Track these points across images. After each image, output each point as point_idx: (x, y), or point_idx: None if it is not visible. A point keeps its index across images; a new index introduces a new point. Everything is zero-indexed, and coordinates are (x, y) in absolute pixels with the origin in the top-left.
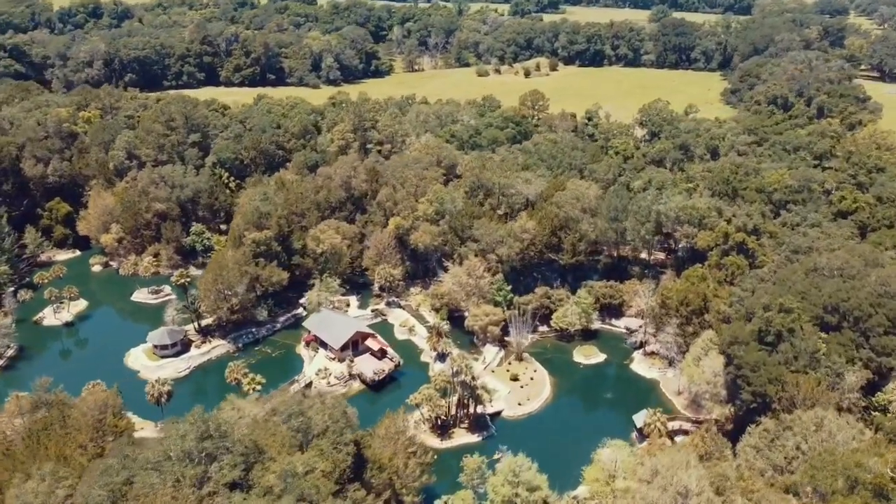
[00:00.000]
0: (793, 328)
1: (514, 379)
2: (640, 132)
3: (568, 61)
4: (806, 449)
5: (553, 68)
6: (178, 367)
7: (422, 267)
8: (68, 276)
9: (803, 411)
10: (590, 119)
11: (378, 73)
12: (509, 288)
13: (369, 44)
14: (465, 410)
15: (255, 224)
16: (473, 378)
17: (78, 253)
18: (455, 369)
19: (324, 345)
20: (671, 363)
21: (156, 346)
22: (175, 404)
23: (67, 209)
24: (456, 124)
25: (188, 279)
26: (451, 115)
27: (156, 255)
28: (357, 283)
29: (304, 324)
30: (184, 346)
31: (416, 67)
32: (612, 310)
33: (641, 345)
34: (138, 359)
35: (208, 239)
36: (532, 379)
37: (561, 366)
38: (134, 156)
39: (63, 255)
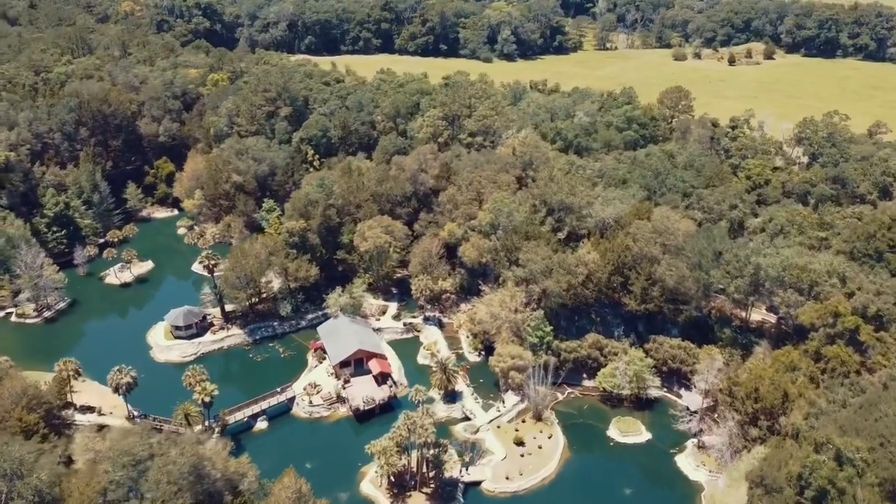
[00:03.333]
0: (845, 490)
1: (519, 443)
2: (797, 152)
3: (792, 49)
4: None
5: (768, 56)
6: (185, 350)
7: (477, 282)
8: (161, 234)
9: None
10: (733, 128)
11: (561, 50)
12: (550, 329)
13: (557, 17)
14: (434, 472)
15: (301, 211)
16: (427, 441)
17: (175, 212)
18: (409, 427)
19: None
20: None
21: (173, 326)
22: (155, 393)
23: (171, 169)
24: (568, 120)
25: (214, 261)
26: (566, 108)
27: (228, 227)
28: (407, 290)
29: (318, 328)
30: (201, 330)
31: (609, 45)
32: (682, 377)
33: (697, 433)
34: (156, 336)
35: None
36: (541, 447)
37: (587, 437)
38: (235, 123)
39: (161, 213)
